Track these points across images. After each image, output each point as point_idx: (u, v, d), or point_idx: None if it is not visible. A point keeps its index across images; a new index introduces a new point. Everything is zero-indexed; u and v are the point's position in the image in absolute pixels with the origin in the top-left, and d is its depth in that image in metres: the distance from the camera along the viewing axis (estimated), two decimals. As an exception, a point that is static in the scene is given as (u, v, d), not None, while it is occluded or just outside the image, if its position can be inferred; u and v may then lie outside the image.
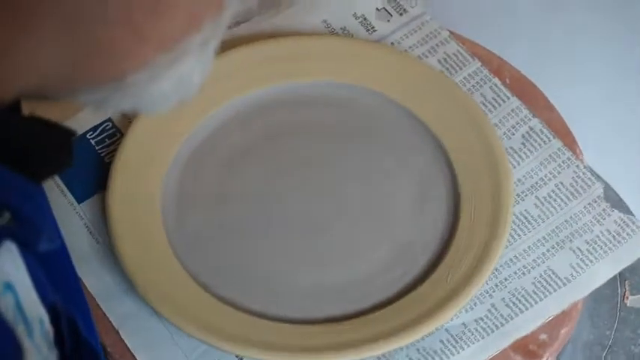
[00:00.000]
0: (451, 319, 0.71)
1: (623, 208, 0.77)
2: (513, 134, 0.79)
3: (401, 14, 0.85)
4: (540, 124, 0.79)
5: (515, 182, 0.76)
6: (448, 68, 0.82)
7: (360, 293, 0.73)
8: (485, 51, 0.83)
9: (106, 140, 0.79)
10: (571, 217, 0.76)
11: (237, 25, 0.83)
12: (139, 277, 0.71)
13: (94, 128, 0.79)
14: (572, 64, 1.09)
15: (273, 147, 0.79)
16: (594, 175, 0.78)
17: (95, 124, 0.79)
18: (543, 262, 0.74)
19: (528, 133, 0.79)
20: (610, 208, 0.76)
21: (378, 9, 0.85)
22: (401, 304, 0.71)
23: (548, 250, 0.75)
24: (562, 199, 0.77)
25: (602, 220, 0.76)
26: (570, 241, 0.75)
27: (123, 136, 0.78)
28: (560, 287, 0.73)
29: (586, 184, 0.77)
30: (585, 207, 0.76)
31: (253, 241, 0.75)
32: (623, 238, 0.75)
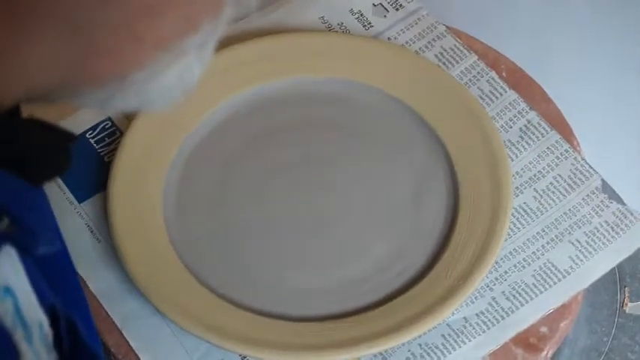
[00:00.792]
0: (452, 313, 0.71)
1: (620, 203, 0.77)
2: (511, 127, 0.79)
3: (397, 9, 0.85)
4: (538, 117, 0.79)
5: (513, 175, 0.76)
6: (445, 62, 0.82)
7: (361, 290, 0.73)
8: (481, 44, 0.84)
9: (106, 139, 0.79)
10: (570, 209, 0.76)
11: (234, 22, 0.83)
12: (141, 276, 0.71)
13: (94, 127, 0.80)
14: (572, 60, 1.08)
15: (271, 144, 0.79)
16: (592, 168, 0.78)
17: (94, 124, 0.80)
18: (543, 254, 0.74)
19: (526, 126, 0.79)
20: (608, 199, 0.76)
21: (374, 4, 0.85)
22: (401, 300, 0.71)
23: (548, 242, 0.75)
24: (560, 192, 0.77)
25: (600, 211, 0.76)
26: (569, 233, 0.75)
27: (122, 134, 0.78)
28: (560, 280, 0.73)
29: (584, 176, 0.77)
30: (584, 199, 0.76)
31: (254, 239, 0.75)
32: (622, 229, 0.75)
